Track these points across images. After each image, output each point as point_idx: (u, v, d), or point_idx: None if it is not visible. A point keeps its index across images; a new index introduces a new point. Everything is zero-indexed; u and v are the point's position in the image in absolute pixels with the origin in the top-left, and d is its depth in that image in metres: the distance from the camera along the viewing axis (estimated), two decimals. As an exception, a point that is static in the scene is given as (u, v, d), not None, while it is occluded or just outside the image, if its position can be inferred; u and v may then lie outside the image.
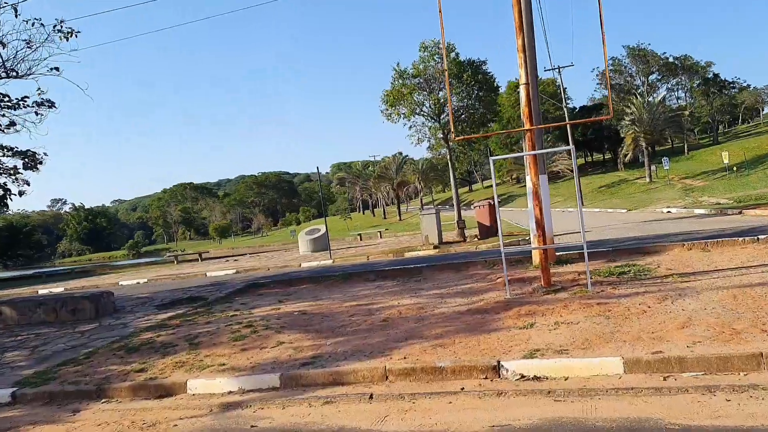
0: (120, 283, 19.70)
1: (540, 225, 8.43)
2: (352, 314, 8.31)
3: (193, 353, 6.99)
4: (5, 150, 12.96)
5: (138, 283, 19.32)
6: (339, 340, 6.84)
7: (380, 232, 33.90)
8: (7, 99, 12.51)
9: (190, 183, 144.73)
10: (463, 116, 18.71)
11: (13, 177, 13.21)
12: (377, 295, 9.64)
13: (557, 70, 42.31)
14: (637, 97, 48.06)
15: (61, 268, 47.50)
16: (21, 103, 12.44)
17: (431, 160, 77.09)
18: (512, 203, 62.60)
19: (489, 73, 18.23)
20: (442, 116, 18.89)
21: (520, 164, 54.75)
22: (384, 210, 75.43)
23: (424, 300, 8.73)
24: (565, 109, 42.05)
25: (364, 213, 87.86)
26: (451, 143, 19.22)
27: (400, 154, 70.45)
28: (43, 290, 20.16)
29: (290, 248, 39.40)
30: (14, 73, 11.59)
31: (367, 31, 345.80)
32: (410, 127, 19.38)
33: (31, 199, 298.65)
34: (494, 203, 18.53)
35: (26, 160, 12.79)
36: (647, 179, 46.33)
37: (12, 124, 11.78)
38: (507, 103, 60.92)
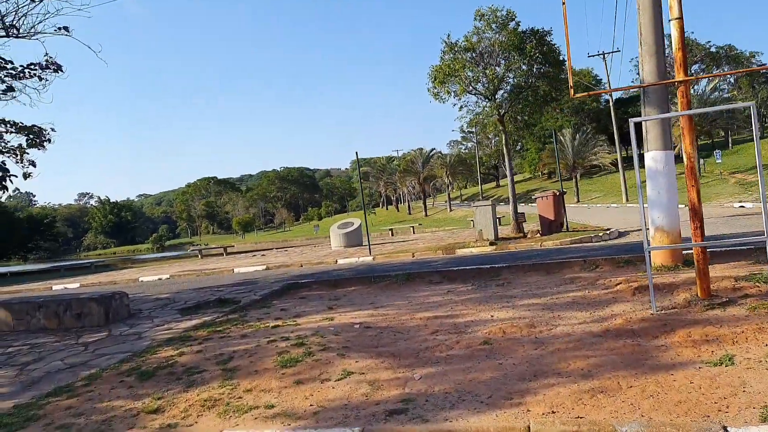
0: (140, 279, 17.98)
1: (698, 214, 6.29)
2: (434, 331, 6.28)
3: (228, 384, 5.05)
4: (7, 125, 11.15)
5: (160, 279, 17.57)
6: (431, 372, 4.84)
7: (413, 227, 31.87)
8: (10, 66, 10.71)
9: (214, 177, 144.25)
10: (522, 94, 16.51)
11: (17, 157, 11.39)
12: (455, 304, 7.60)
13: (602, 56, 39.75)
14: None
15: (81, 261, 46.32)
16: (27, 71, 10.65)
17: (460, 154, 74.88)
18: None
19: (554, 44, 16.00)
20: (498, 94, 16.73)
21: (554, 158, 52.16)
22: (409, 205, 73.28)
23: (526, 313, 6.67)
24: (610, 98, 39.44)
25: (387, 208, 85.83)
26: (505, 126, 17.06)
27: (420, 149, 68.17)
28: (57, 286, 18.54)
29: (316, 243, 37.58)
30: (15, 31, 9.77)
31: (389, 27, 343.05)
32: (461, 107, 17.27)
33: (59, 192, 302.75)
34: (561, 193, 16.43)
35: (30, 136, 10.99)
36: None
37: (10, 89, 9.96)
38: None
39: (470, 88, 16.22)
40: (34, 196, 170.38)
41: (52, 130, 11.25)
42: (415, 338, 6.08)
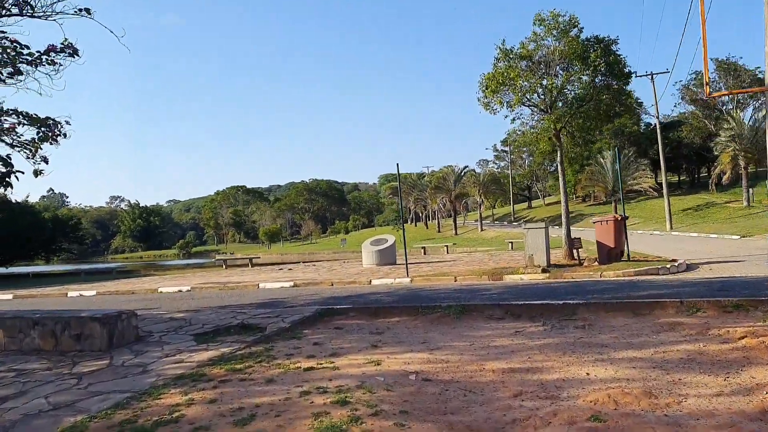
0: (160, 289, 16.84)
1: None
2: (517, 393, 4.81)
3: (248, 465, 3.66)
4: (20, 115, 10.06)
5: (180, 291, 16.40)
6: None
7: (446, 246, 30.34)
8: (27, 51, 9.62)
9: (243, 186, 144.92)
10: (583, 108, 14.98)
11: (30, 152, 10.27)
12: (531, 351, 6.11)
13: (650, 77, 37.91)
14: (737, 112, 42.92)
15: (103, 266, 45.81)
16: (45, 58, 9.55)
17: (493, 173, 73.15)
18: (581, 222, 57.85)
19: (620, 55, 14.48)
20: (555, 107, 15.23)
21: (596, 180, 50.23)
22: (438, 223, 71.66)
23: (632, 372, 5.17)
24: (657, 121, 37.58)
25: (416, 225, 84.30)
26: (562, 139, 15.52)
27: (452, 166, 66.61)
28: (73, 292, 17.53)
29: (345, 258, 36.25)
30: (29, 9, 8.68)
31: (427, 40, 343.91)
32: (513, 120, 15.80)
33: (92, 194, 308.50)
34: (623, 218, 14.81)
35: (43, 129, 9.85)
36: (744, 203, 41.11)
37: (17, 72, 8.83)
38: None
39: (525, 99, 14.76)
40: (67, 196, 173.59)
41: (67, 123, 10.09)
42: (493, 403, 4.61)
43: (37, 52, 9.75)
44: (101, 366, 6.68)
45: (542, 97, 14.89)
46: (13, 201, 40.50)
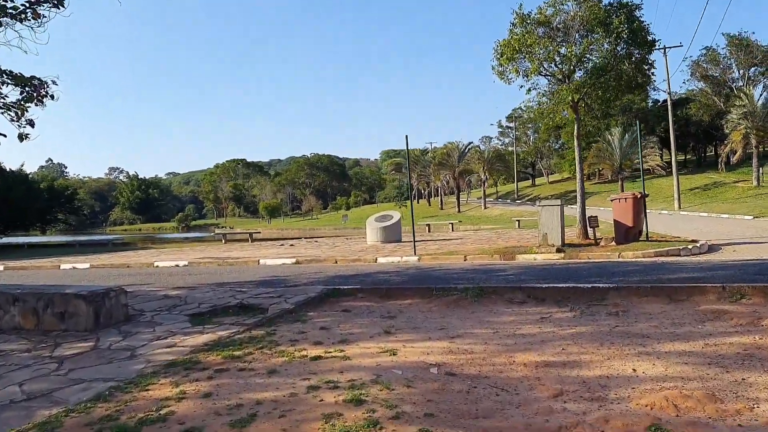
0: (156, 264, 16.24)
1: None
2: (557, 392, 4.16)
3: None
4: (4, 74, 9.32)
5: (177, 266, 15.79)
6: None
7: (452, 224, 29.67)
8: (10, 5, 8.84)
9: (243, 160, 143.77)
10: (603, 78, 14.14)
11: (14, 114, 9.54)
12: (564, 342, 5.46)
13: (662, 51, 36.79)
14: (749, 89, 41.83)
15: (100, 237, 45.10)
16: (30, 11, 8.76)
17: (498, 150, 72.21)
18: (587, 200, 57.11)
19: (644, 21, 13.59)
20: (574, 77, 14.41)
21: (603, 157, 49.35)
22: (441, 200, 70.93)
23: (684, 369, 4.53)
24: (668, 96, 36.59)
25: (418, 202, 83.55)
26: (580, 111, 14.72)
27: (456, 143, 65.51)
28: (66, 265, 16.91)
29: (348, 235, 35.68)
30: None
31: (433, 13, 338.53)
32: (529, 90, 14.95)
33: (91, 165, 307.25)
34: (642, 195, 14.09)
35: (27, 89, 9.12)
36: (754, 182, 40.33)
37: (-3, 25, 8.04)
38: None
39: (542, 68, 13.92)
40: (66, 167, 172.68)
41: (54, 83, 9.36)
42: (531, 404, 3.97)
43: (23, 5, 9.00)
44: (85, 349, 6.06)
45: (560, 65, 14.05)
46: (7, 170, 39.70)
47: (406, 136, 14.75)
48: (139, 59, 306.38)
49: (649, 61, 14.22)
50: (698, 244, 13.08)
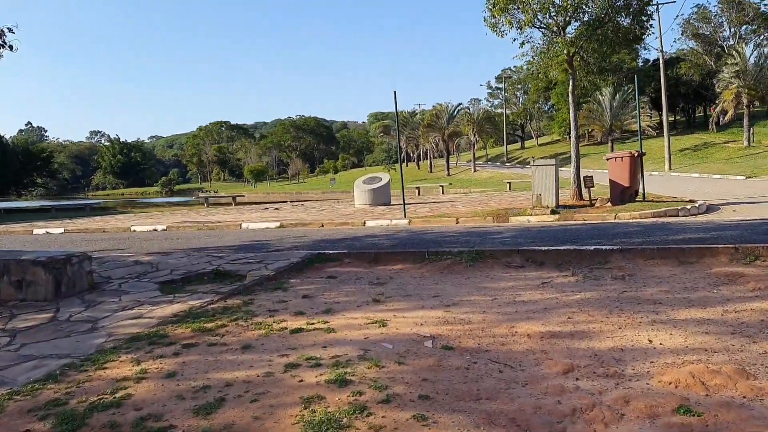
0: (133, 228, 15.58)
1: None
2: (567, 368, 3.68)
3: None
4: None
5: (154, 230, 15.14)
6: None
7: (441, 187, 29.09)
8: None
9: (227, 122, 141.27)
10: (599, 30, 13.44)
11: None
12: (568, 308, 4.98)
13: (655, 7, 35.76)
14: (741, 47, 41.09)
15: (77, 202, 43.94)
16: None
17: (488, 111, 71.18)
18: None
19: (643, -31, 12.85)
20: (569, 29, 13.70)
21: (593, 118, 48.74)
22: (431, 163, 70.18)
23: (706, 339, 4.09)
24: (660, 54, 35.82)
25: (407, 165, 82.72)
26: (575, 66, 14.05)
27: (446, 104, 64.28)
28: (39, 230, 16.20)
29: (335, 198, 35.02)
30: None
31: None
32: (522, 43, 14.20)
33: (72, 128, 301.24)
34: (639, 154, 13.56)
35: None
36: (745, 143, 40.04)
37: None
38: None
39: (536, 19, 13.16)
40: (46, 131, 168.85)
41: (10, 31, 8.56)
42: (539, 382, 3.48)
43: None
44: (42, 320, 5.49)
45: (555, 17, 13.29)
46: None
47: (395, 92, 14.04)
48: (119, 20, 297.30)
49: (648, 13, 13.52)
50: (696, 204, 12.66)
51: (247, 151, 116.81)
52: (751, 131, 39.85)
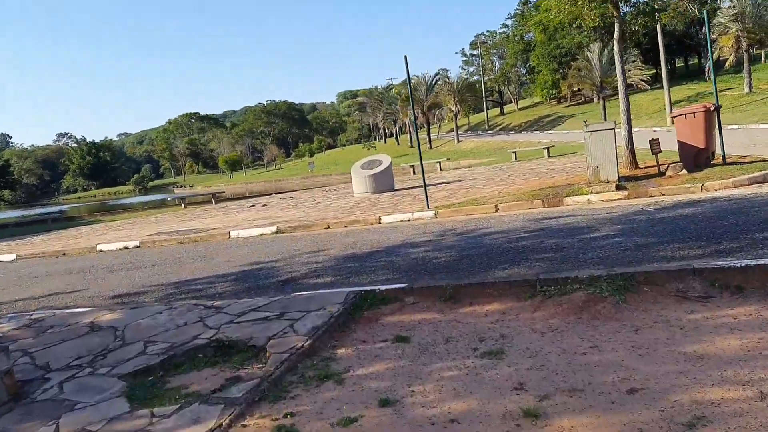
0: (98, 247, 12.85)
1: None
2: None
3: None
4: None
5: (125, 248, 12.48)
6: None
7: (439, 163, 26.48)
8: None
9: (196, 113, 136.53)
10: None
11: None
12: None
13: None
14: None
15: (42, 211, 40.31)
16: None
17: (468, 79, 68.37)
18: (562, 126, 54.54)
19: None
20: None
21: (583, 77, 46.36)
22: (411, 137, 67.31)
23: None
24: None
25: (385, 141, 79.87)
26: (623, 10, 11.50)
27: (423, 75, 61.17)
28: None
29: (319, 184, 32.30)
30: None
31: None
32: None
33: (38, 133, 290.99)
34: (716, 107, 10.98)
35: None
36: (746, 89, 38.05)
37: None
38: None
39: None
40: (11, 137, 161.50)
41: None
42: None
43: None
44: None
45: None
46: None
47: (405, 57, 11.37)
48: (74, 16, 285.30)
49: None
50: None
51: (219, 141, 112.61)
52: (749, 77, 37.81)
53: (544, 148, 23.46)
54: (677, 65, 71.72)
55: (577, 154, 22.74)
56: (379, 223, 11.31)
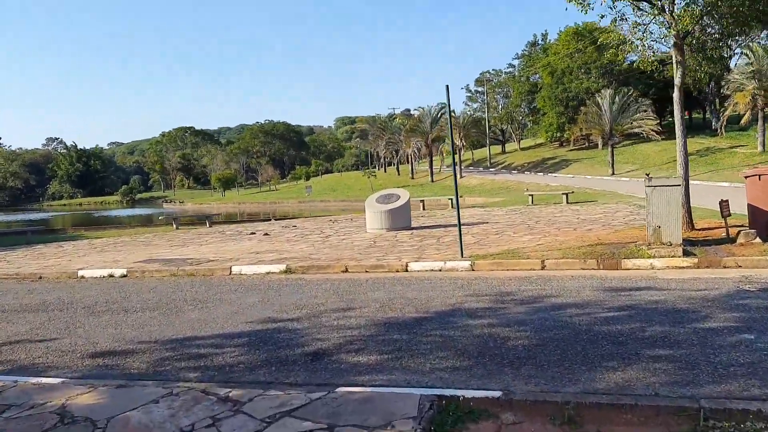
0: (80, 273, 11.34)
1: None
2: None
3: None
4: None
5: (111, 276, 11.00)
6: None
7: (450, 200, 25.25)
8: None
9: (191, 128, 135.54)
10: (710, 12, 9.83)
11: None
12: None
13: None
14: (755, 45, 38.36)
15: (23, 217, 38.46)
16: None
17: (474, 115, 67.89)
18: (566, 169, 53.75)
19: None
20: (677, 2, 10.04)
21: (592, 122, 45.75)
22: (412, 168, 66.38)
23: None
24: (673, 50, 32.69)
25: (386, 170, 78.86)
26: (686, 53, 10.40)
27: (427, 107, 60.60)
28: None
29: (316, 209, 30.89)
30: None
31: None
32: (615, 20, 10.46)
33: (25, 135, 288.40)
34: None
35: None
36: (759, 148, 37.41)
37: None
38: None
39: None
40: (0, 138, 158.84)
41: None
42: None
43: None
44: None
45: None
46: None
47: (447, 86, 10.15)
48: (77, 19, 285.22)
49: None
50: None
51: (212, 158, 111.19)
52: (765, 135, 37.20)
53: (562, 194, 22.27)
54: (687, 117, 71.71)
55: (598, 202, 21.62)
56: (406, 270, 9.91)
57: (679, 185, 9.52)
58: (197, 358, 5.30)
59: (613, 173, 42.92)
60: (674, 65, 10.92)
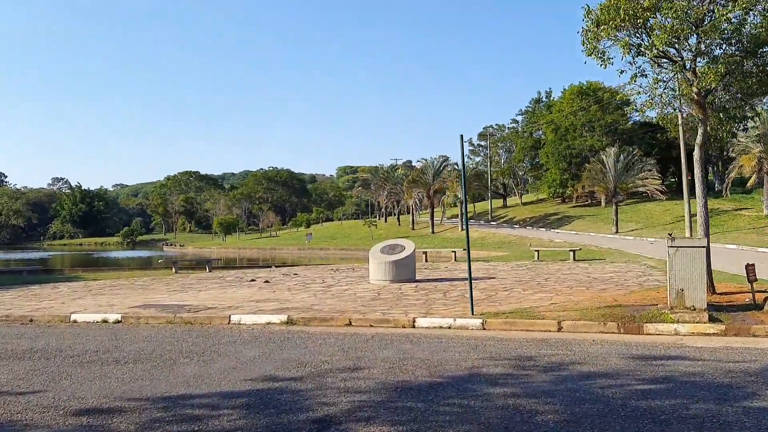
0: (73, 317, 10.86)
1: None
2: None
3: None
4: None
5: (105, 321, 10.53)
6: None
7: (454, 252, 24.82)
8: None
9: (196, 172, 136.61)
10: (734, 70, 9.71)
11: None
12: None
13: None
14: (761, 110, 38.82)
15: (21, 256, 38.03)
16: None
17: (476, 168, 68.26)
18: (569, 225, 53.47)
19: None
20: (700, 60, 9.91)
21: (596, 179, 45.81)
22: (413, 219, 66.21)
23: None
24: (679, 113, 32.95)
25: (386, 220, 78.73)
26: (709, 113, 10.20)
27: (429, 159, 60.98)
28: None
29: (316, 256, 30.43)
30: None
31: (377, 29, 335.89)
32: (635, 76, 10.31)
33: (34, 176, 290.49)
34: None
35: None
36: (765, 211, 37.22)
37: None
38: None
39: (673, 40, 9.30)
40: (6, 177, 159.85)
41: None
42: None
43: None
44: None
45: (700, 38, 9.46)
46: None
47: (461, 136, 9.97)
48: (86, 66, 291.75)
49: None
50: None
51: (215, 202, 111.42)
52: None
53: (569, 251, 21.86)
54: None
55: (607, 260, 21.19)
56: (413, 326, 9.43)
57: (704, 246, 9.14)
58: (191, 421, 4.80)
59: (617, 231, 42.64)
60: (697, 123, 10.72)
